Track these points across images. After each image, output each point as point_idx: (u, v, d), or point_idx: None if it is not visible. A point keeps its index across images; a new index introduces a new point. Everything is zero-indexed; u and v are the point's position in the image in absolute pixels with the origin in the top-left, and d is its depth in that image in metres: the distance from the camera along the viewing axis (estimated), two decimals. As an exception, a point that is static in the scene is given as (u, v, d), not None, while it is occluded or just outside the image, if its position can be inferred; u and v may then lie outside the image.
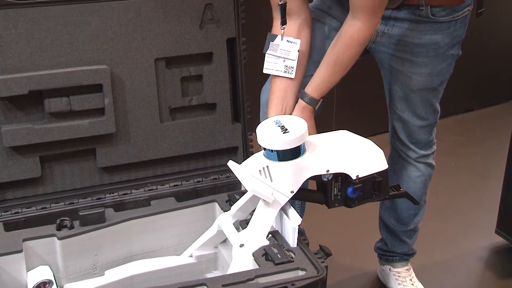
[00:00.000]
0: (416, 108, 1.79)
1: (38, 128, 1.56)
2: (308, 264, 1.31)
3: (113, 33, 1.59)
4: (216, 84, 1.72)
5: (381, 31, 1.69)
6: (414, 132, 1.84)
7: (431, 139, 1.89)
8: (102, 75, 1.58)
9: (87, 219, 1.50)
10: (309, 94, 1.61)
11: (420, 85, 1.74)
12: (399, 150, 1.89)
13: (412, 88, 1.75)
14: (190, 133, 1.73)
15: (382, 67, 1.81)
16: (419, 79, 1.73)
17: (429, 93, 1.77)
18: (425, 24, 1.65)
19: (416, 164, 1.90)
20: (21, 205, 1.59)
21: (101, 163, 1.66)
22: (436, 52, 1.69)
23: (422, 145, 1.87)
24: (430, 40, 1.67)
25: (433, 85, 1.75)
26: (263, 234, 1.38)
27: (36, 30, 1.52)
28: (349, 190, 1.41)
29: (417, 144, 1.86)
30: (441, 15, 1.64)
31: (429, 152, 1.90)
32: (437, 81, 1.75)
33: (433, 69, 1.72)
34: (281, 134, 1.35)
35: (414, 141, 1.86)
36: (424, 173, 1.92)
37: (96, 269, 1.54)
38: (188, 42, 1.66)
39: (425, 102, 1.79)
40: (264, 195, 1.36)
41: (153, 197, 1.66)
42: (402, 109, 1.81)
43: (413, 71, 1.72)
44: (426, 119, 1.82)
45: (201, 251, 1.56)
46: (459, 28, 1.70)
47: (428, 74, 1.72)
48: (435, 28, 1.66)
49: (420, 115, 1.80)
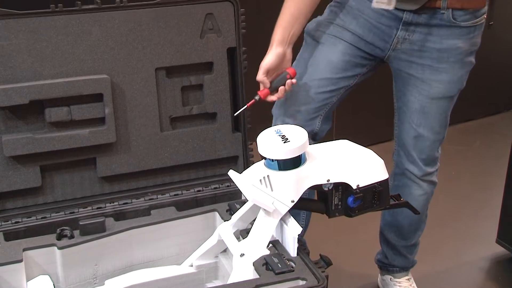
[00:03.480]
0: (433, 121, 1.77)
1: (38, 137, 1.56)
2: (309, 274, 1.31)
3: (113, 43, 1.60)
4: (217, 94, 1.72)
5: (401, 37, 1.67)
6: (426, 148, 1.81)
7: (438, 156, 1.87)
8: (102, 85, 1.59)
9: (87, 229, 1.49)
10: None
11: (439, 93, 1.73)
12: (404, 169, 1.86)
13: (431, 97, 1.73)
14: (190, 142, 1.73)
15: (399, 77, 1.79)
16: (440, 86, 1.72)
17: (446, 103, 1.76)
18: (446, 28, 1.64)
19: (420, 182, 1.87)
20: (21, 214, 1.58)
21: (102, 173, 1.66)
22: (456, 58, 1.68)
23: (430, 162, 1.85)
24: (451, 45, 1.66)
25: (451, 93, 1.74)
26: (263, 244, 1.37)
27: (37, 40, 1.53)
28: (349, 199, 1.41)
29: (425, 160, 1.84)
30: (462, 20, 1.64)
31: (433, 169, 1.88)
32: (455, 88, 1.74)
33: (454, 76, 1.71)
34: (282, 143, 1.35)
35: (423, 158, 1.83)
36: (427, 191, 1.90)
37: (96, 279, 1.54)
38: (188, 52, 1.66)
39: (441, 114, 1.77)
40: (264, 204, 1.35)
41: (154, 207, 1.65)
42: (419, 123, 1.78)
43: (433, 78, 1.71)
44: (439, 132, 1.80)
45: (201, 260, 1.56)
46: (477, 35, 1.70)
47: (448, 81, 1.71)
48: (457, 33, 1.65)
49: (435, 129, 1.79)
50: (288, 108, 1.77)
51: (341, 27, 1.73)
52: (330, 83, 1.74)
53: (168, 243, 1.60)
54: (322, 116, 1.78)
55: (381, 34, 1.70)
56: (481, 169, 3.14)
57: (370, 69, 1.79)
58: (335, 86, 1.75)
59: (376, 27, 1.69)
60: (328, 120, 1.82)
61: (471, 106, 3.63)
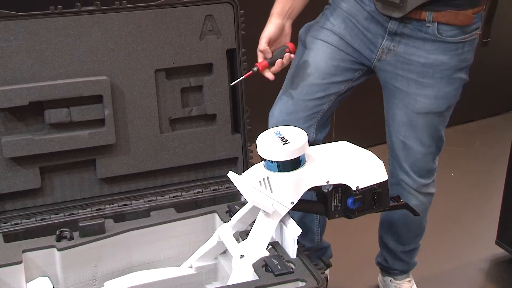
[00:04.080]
0: (421, 134, 1.71)
1: (38, 139, 1.56)
2: (308, 275, 1.31)
3: (113, 44, 1.60)
4: (216, 95, 1.72)
5: (386, 48, 1.64)
6: (418, 160, 1.76)
7: (434, 167, 1.82)
8: (102, 86, 1.59)
9: (86, 230, 1.49)
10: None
11: (425, 108, 1.67)
12: (399, 179, 1.82)
13: (417, 111, 1.68)
14: (190, 144, 1.73)
15: (386, 89, 1.75)
16: (425, 101, 1.66)
17: (434, 118, 1.70)
18: (432, 43, 1.59)
19: (415, 193, 1.82)
20: (20, 216, 1.58)
21: (101, 174, 1.66)
22: (442, 74, 1.63)
23: (424, 174, 1.79)
24: (436, 60, 1.61)
25: (439, 109, 1.68)
26: (263, 245, 1.37)
27: (37, 42, 1.53)
28: (349, 201, 1.41)
29: (419, 172, 1.79)
30: (448, 35, 1.58)
31: (429, 181, 1.82)
32: (444, 105, 1.68)
33: (439, 91, 1.65)
34: (281, 145, 1.35)
35: (416, 170, 1.78)
36: (424, 202, 1.85)
37: (95, 280, 1.54)
38: (188, 53, 1.67)
39: (430, 128, 1.71)
40: (264, 206, 1.35)
41: (153, 208, 1.65)
42: (406, 136, 1.73)
43: (418, 93, 1.66)
44: (430, 146, 1.74)
45: (201, 262, 1.56)
46: (467, 51, 1.64)
47: (434, 97, 1.66)
48: (442, 48, 1.60)
49: (424, 142, 1.73)
50: (281, 118, 1.73)
51: (329, 30, 1.69)
52: (318, 89, 1.69)
53: (167, 244, 1.60)
54: (315, 125, 1.73)
55: (367, 42, 1.66)
56: (481, 171, 3.14)
57: (362, 74, 1.74)
58: (324, 93, 1.70)
59: (363, 34, 1.66)
60: (323, 128, 1.77)
61: (471, 108, 3.63)
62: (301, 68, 1.71)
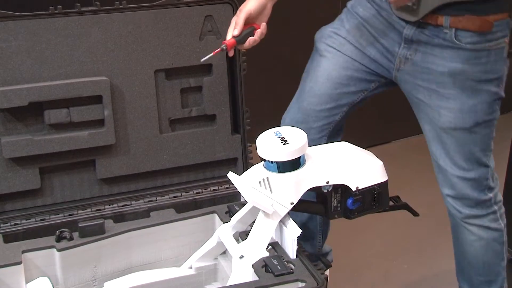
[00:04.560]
0: (453, 154, 1.55)
1: (37, 139, 1.56)
2: (308, 276, 1.31)
3: (113, 45, 1.60)
4: (216, 96, 1.72)
5: (403, 56, 1.54)
6: (456, 185, 1.58)
7: (485, 199, 1.60)
8: (102, 87, 1.59)
9: (86, 231, 1.49)
10: None
11: (450, 123, 1.52)
12: (448, 205, 1.66)
13: (442, 126, 1.54)
14: (189, 144, 1.73)
15: (411, 101, 1.63)
16: (449, 115, 1.52)
17: (464, 136, 1.53)
18: (450, 50, 1.47)
19: (466, 225, 1.63)
20: (20, 216, 1.58)
21: (101, 175, 1.66)
22: (464, 84, 1.49)
23: (471, 204, 1.59)
24: (456, 69, 1.48)
25: (465, 125, 1.52)
26: (263, 246, 1.37)
27: (36, 42, 1.53)
28: (349, 201, 1.41)
29: (464, 200, 1.60)
30: (468, 42, 1.46)
31: (483, 212, 1.61)
32: (470, 120, 1.51)
33: (463, 104, 1.50)
34: (281, 145, 1.35)
35: (458, 197, 1.60)
36: (482, 236, 1.63)
37: (95, 281, 1.54)
38: (188, 54, 1.67)
39: (462, 148, 1.55)
40: (264, 206, 1.35)
41: (153, 209, 1.65)
42: (438, 155, 1.59)
43: (441, 105, 1.52)
44: (467, 170, 1.56)
45: (200, 262, 1.56)
46: (494, 61, 1.49)
47: (458, 110, 1.50)
48: (462, 56, 1.47)
49: (458, 164, 1.56)
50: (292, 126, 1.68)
51: (344, 39, 1.62)
52: (330, 99, 1.64)
53: (167, 245, 1.60)
54: (326, 136, 1.69)
55: (384, 51, 1.58)
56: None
57: (380, 86, 1.65)
58: (336, 103, 1.65)
59: (379, 42, 1.58)
60: (336, 137, 1.71)
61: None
62: (313, 76, 1.67)
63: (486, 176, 1.60)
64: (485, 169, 1.59)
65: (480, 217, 1.62)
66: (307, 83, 1.69)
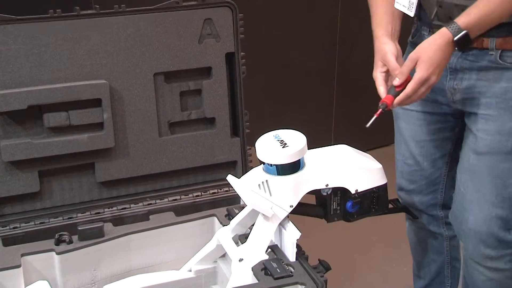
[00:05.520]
0: (483, 183, 1.43)
1: (37, 142, 1.56)
2: (308, 279, 1.31)
3: (112, 48, 1.60)
4: (215, 99, 1.72)
5: (452, 88, 1.46)
6: (482, 222, 1.47)
7: (509, 240, 1.47)
8: (101, 90, 1.59)
9: (86, 234, 1.49)
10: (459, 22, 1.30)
11: (486, 146, 1.42)
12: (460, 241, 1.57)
13: (477, 151, 1.43)
14: (189, 148, 1.73)
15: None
16: (486, 138, 1.41)
17: (499, 163, 1.41)
18: (494, 71, 1.39)
19: (476, 266, 1.53)
20: (19, 220, 1.58)
21: (100, 178, 1.65)
22: (506, 104, 1.39)
23: (493, 244, 1.47)
24: (500, 89, 1.39)
25: (502, 148, 1.40)
26: (262, 249, 1.37)
27: (36, 45, 1.53)
28: (348, 204, 1.42)
29: (483, 239, 1.49)
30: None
31: (500, 253, 1.48)
32: (508, 143, 1.40)
33: (503, 125, 1.40)
34: (281, 148, 1.35)
35: (480, 236, 1.49)
36: (493, 278, 1.52)
37: (95, 284, 1.54)
38: (187, 57, 1.67)
39: (494, 177, 1.42)
40: (263, 209, 1.35)
41: (152, 212, 1.65)
42: (466, 186, 1.47)
43: (480, 128, 1.42)
44: (497, 206, 1.43)
45: (200, 265, 1.56)
46: None
47: (497, 132, 1.40)
48: (506, 76, 1.38)
49: (488, 197, 1.43)
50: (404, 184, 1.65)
51: None
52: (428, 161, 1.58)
53: (166, 248, 1.60)
54: (443, 189, 1.63)
55: (437, 89, 1.47)
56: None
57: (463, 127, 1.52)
58: (435, 163, 1.58)
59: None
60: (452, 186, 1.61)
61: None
62: (401, 140, 1.63)
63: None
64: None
65: (495, 259, 1.49)
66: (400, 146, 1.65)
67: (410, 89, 1.34)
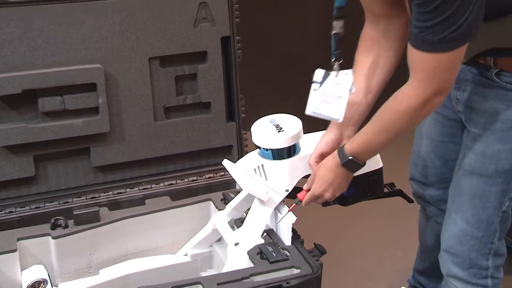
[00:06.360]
0: (464, 202, 1.41)
1: (31, 127, 1.55)
2: (303, 263, 1.31)
3: (106, 32, 1.59)
4: (211, 83, 1.72)
5: (455, 97, 1.42)
6: (454, 237, 1.43)
7: (484, 266, 1.43)
8: (96, 74, 1.58)
9: (81, 218, 1.49)
10: (345, 148, 1.32)
11: (469, 165, 1.39)
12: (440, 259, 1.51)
13: (462, 168, 1.41)
14: (184, 132, 1.72)
15: None
16: (471, 156, 1.38)
17: (480, 184, 1.38)
18: (490, 88, 1.34)
19: (447, 283, 1.49)
20: (15, 204, 1.58)
21: (96, 162, 1.65)
22: (494, 126, 1.34)
23: (463, 265, 1.44)
24: (490, 108, 1.34)
25: (483, 171, 1.36)
26: (258, 233, 1.38)
27: (29, 29, 1.52)
28: (343, 188, 1.41)
29: (454, 256, 1.44)
30: (508, 81, 1.32)
31: (472, 280, 1.44)
32: (490, 166, 1.35)
33: (487, 147, 1.35)
34: (276, 133, 1.35)
35: (452, 252, 1.45)
36: None
37: (91, 268, 1.54)
38: (182, 41, 1.66)
39: (475, 199, 1.39)
40: (259, 193, 1.36)
41: (148, 196, 1.65)
42: (450, 205, 1.45)
43: (467, 145, 1.40)
44: (473, 226, 1.40)
45: (196, 249, 1.56)
46: None
47: (480, 153, 1.36)
48: (500, 95, 1.33)
49: (465, 215, 1.41)
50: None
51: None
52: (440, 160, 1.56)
53: (162, 232, 1.61)
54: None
55: (449, 96, 1.44)
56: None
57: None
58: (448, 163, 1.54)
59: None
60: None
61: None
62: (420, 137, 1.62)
63: (491, 240, 1.42)
64: (494, 232, 1.42)
65: (467, 284, 1.45)
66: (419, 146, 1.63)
67: (305, 201, 1.38)
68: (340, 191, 1.36)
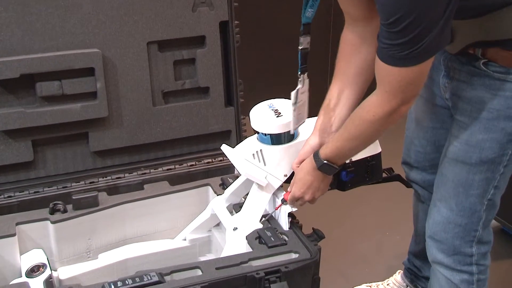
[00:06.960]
0: (447, 191, 1.42)
1: (30, 112, 1.55)
2: (301, 247, 1.32)
3: (105, 16, 1.58)
4: (209, 68, 1.71)
5: (443, 85, 1.42)
6: (438, 225, 1.45)
7: (468, 253, 1.45)
8: (94, 59, 1.57)
9: (80, 203, 1.50)
10: (320, 153, 1.34)
11: (453, 153, 1.39)
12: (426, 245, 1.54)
13: (447, 155, 1.41)
14: (183, 117, 1.72)
15: None
16: (455, 144, 1.39)
17: (462, 172, 1.39)
18: (477, 77, 1.34)
19: (434, 269, 1.51)
20: (14, 189, 1.58)
21: (94, 147, 1.65)
22: (479, 115, 1.34)
23: (448, 251, 1.45)
24: (476, 97, 1.34)
25: (466, 159, 1.37)
26: (256, 218, 1.38)
27: (27, 13, 1.51)
28: (342, 173, 1.42)
29: (439, 243, 1.46)
30: (495, 70, 1.31)
31: (457, 267, 1.46)
32: (473, 155, 1.36)
33: (472, 136, 1.36)
34: (275, 117, 1.35)
35: (436, 238, 1.47)
36: (443, 285, 1.50)
37: (89, 253, 1.55)
38: (180, 26, 1.65)
39: (458, 187, 1.40)
40: (257, 178, 1.36)
41: (147, 181, 1.66)
42: (436, 192, 1.47)
43: (453, 133, 1.41)
44: (457, 214, 1.41)
45: (194, 234, 1.57)
46: None
47: (464, 142, 1.37)
48: (486, 83, 1.33)
49: (449, 202, 1.42)
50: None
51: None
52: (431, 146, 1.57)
53: (161, 217, 1.61)
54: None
55: (437, 83, 1.46)
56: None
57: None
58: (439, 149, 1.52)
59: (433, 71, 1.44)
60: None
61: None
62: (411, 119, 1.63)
63: (475, 227, 1.43)
64: (477, 220, 1.43)
65: (450, 269, 1.48)
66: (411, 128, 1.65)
67: (288, 202, 1.41)
68: (320, 193, 1.40)
